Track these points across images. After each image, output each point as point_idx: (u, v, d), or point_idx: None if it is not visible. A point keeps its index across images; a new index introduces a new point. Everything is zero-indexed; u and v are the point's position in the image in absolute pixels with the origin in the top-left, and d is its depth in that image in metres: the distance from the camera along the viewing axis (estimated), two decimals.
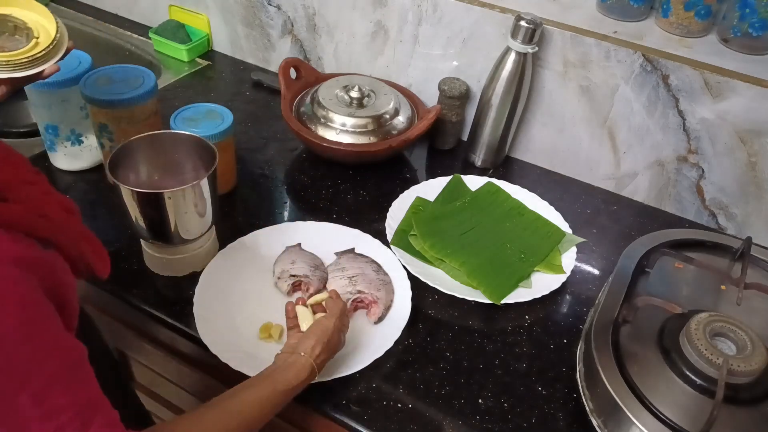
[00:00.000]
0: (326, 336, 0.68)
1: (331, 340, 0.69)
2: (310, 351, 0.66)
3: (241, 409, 0.60)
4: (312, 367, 0.66)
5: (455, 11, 1.04)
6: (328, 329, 0.69)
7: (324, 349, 0.67)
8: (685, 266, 0.80)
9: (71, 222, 0.61)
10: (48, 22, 0.70)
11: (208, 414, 0.59)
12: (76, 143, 0.96)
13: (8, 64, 0.65)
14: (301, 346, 0.67)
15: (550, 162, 1.12)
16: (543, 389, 0.75)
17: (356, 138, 1.02)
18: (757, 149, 0.93)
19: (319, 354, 0.67)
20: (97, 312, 0.93)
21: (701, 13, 0.94)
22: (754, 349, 0.64)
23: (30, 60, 0.66)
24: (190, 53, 1.32)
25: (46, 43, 0.68)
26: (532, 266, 0.89)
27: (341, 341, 0.71)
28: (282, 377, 0.64)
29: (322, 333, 0.68)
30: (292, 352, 0.67)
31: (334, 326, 0.70)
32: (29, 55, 0.66)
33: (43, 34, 0.69)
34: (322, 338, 0.68)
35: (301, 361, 0.66)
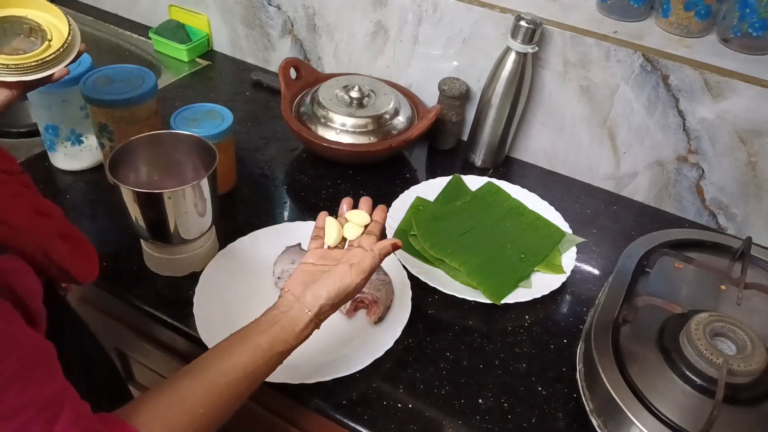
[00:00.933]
0: (342, 295, 0.61)
1: (345, 300, 0.62)
2: (318, 309, 0.60)
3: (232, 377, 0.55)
4: (315, 325, 0.60)
5: (455, 11, 1.04)
6: (348, 288, 0.61)
7: (333, 308, 0.61)
8: (685, 266, 0.80)
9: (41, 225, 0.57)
10: (61, 23, 0.69)
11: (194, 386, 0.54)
12: (76, 143, 0.96)
13: (18, 68, 0.64)
14: (310, 298, 0.60)
15: (550, 162, 1.12)
16: (543, 389, 0.75)
17: (356, 138, 1.02)
18: (757, 149, 0.93)
19: (325, 312, 0.61)
20: (97, 312, 0.93)
21: (701, 13, 0.94)
22: (754, 349, 0.64)
23: (40, 63, 0.66)
24: (190, 53, 1.32)
25: (58, 45, 0.67)
26: (532, 266, 0.89)
27: (354, 296, 0.63)
28: (282, 336, 0.58)
29: (340, 291, 0.61)
30: (296, 299, 0.60)
31: (356, 287, 0.62)
32: (40, 59, 0.66)
33: (56, 36, 0.68)
34: (337, 297, 0.61)
35: (304, 319, 0.59)
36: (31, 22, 0.69)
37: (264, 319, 0.60)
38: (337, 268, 0.62)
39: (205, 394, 0.54)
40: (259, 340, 0.58)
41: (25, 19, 0.68)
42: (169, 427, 0.51)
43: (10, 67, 0.64)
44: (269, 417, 0.84)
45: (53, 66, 0.67)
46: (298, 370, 0.72)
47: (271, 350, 0.58)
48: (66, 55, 0.68)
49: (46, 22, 0.69)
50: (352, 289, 0.62)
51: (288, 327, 0.60)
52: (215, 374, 0.55)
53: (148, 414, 0.51)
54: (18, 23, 0.68)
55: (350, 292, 0.62)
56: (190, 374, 0.55)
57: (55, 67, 0.67)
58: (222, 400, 0.55)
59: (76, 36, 0.70)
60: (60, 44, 0.67)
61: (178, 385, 0.54)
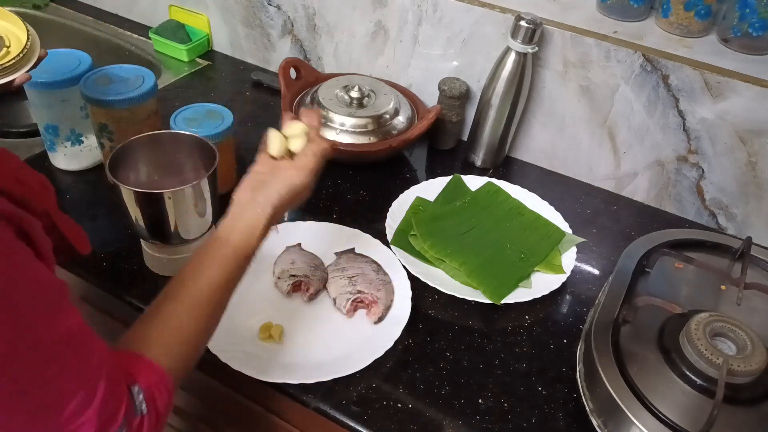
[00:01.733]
0: (293, 194, 0.65)
1: (297, 198, 0.65)
2: (271, 209, 0.63)
3: (210, 290, 0.58)
4: (270, 223, 0.63)
5: (455, 11, 1.04)
6: (297, 187, 0.65)
7: (284, 207, 0.64)
8: (685, 266, 0.80)
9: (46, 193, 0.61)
10: (19, 30, 0.70)
11: (178, 307, 0.57)
12: (76, 143, 0.96)
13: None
14: (261, 200, 0.63)
15: (550, 162, 1.12)
16: (543, 389, 0.75)
17: (356, 138, 1.02)
18: (757, 149, 0.93)
19: (278, 210, 0.64)
20: (97, 312, 0.93)
21: (701, 13, 0.94)
22: (754, 349, 0.64)
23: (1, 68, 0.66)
24: (190, 53, 1.32)
25: (16, 52, 0.67)
26: (532, 266, 0.89)
27: (305, 196, 0.67)
28: (243, 241, 0.61)
29: (290, 190, 0.64)
30: (247, 203, 0.63)
31: (304, 185, 0.66)
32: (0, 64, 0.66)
33: (14, 43, 0.69)
34: (288, 195, 0.64)
35: (261, 219, 0.62)
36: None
37: (222, 230, 0.62)
38: (284, 171, 0.66)
39: (190, 312, 0.57)
40: (224, 251, 0.60)
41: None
42: (168, 347, 0.55)
43: None
44: (269, 417, 0.84)
45: (12, 72, 0.67)
46: (298, 370, 0.72)
47: (237, 256, 0.61)
48: (25, 61, 0.68)
49: (3, 29, 0.70)
50: (300, 187, 0.65)
51: (246, 231, 0.62)
52: (194, 291, 0.58)
53: (147, 341, 0.54)
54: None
55: (299, 191, 0.66)
56: (170, 299, 0.57)
57: (14, 74, 0.67)
58: (206, 312, 0.58)
59: (35, 43, 0.70)
60: (18, 51, 0.68)
61: (163, 310, 0.57)
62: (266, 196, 0.64)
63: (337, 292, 0.81)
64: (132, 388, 0.50)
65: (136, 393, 0.50)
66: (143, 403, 0.50)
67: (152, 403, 0.51)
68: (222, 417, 0.96)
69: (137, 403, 0.50)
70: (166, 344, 0.55)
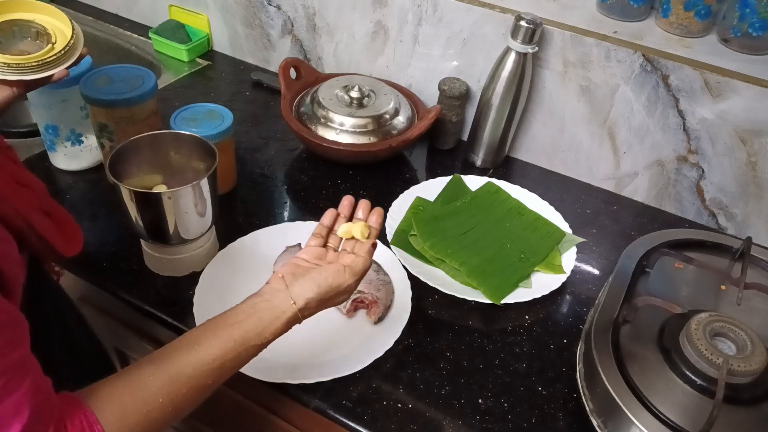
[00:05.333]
0: (333, 293, 0.59)
1: (332, 300, 0.61)
2: (304, 303, 0.58)
3: (197, 369, 0.53)
4: (296, 319, 0.58)
5: (455, 11, 1.04)
6: (340, 287, 0.60)
7: (319, 305, 0.59)
8: (685, 266, 0.80)
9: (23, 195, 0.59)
10: (66, 27, 0.72)
11: (156, 374, 0.52)
12: (76, 143, 0.96)
13: (19, 67, 0.67)
14: (298, 290, 0.59)
15: (550, 162, 1.12)
16: (543, 389, 0.75)
17: (356, 138, 1.02)
18: (757, 149, 0.93)
19: (311, 308, 0.59)
20: (97, 312, 0.93)
21: (701, 13, 0.94)
22: (754, 349, 0.64)
23: (41, 64, 0.68)
24: (190, 53, 1.32)
25: (60, 47, 0.70)
26: (532, 266, 0.89)
27: (343, 300, 0.63)
28: (259, 327, 0.56)
29: (330, 288, 0.59)
30: (283, 289, 0.58)
31: (347, 288, 0.61)
32: (41, 59, 0.68)
33: (59, 39, 0.71)
34: (326, 293, 0.59)
35: (288, 311, 0.57)
36: (37, 26, 0.71)
37: (243, 307, 0.58)
38: (331, 266, 0.62)
39: (165, 384, 0.52)
40: (232, 332, 0.56)
41: (33, 23, 0.71)
42: (124, 412, 0.49)
43: (12, 66, 0.66)
44: (269, 417, 0.84)
45: (53, 67, 0.69)
46: (298, 370, 0.72)
47: (244, 344, 0.56)
48: (67, 57, 0.71)
49: (51, 25, 0.72)
50: (343, 289, 0.61)
51: (267, 317, 0.57)
52: (180, 365, 0.53)
53: (105, 398, 0.50)
54: (26, 27, 0.71)
55: (341, 292, 0.61)
56: (155, 362, 0.53)
57: (55, 69, 0.69)
58: (183, 391, 0.53)
59: (78, 40, 0.72)
60: (62, 46, 0.70)
61: (141, 371, 0.52)
62: (303, 287, 0.59)
63: None
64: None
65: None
66: None
67: None
68: (222, 417, 0.96)
69: None
70: (122, 407, 0.50)
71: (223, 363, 0.55)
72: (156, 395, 0.51)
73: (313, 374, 0.71)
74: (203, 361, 0.54)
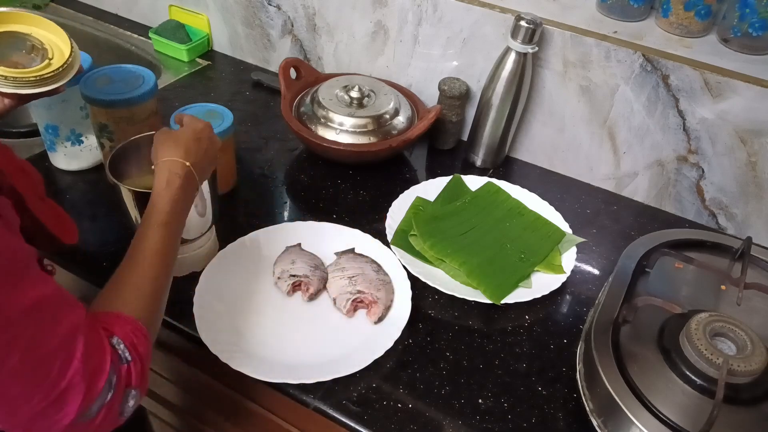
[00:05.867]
0: (181, 137, 0.70)
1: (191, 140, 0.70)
2: (170, 152, 0.68)
3: (149, 258, 0.62)
4: (181, 164, 0.67)
5: (455, 11, 1.04)
6: (183, 132, 0.70)
7: (189, 149, 0.69)
8: (685, 266, 0.80)
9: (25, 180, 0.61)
10: (64, 44, 0.73)
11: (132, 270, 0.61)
12: (76, 143, 0.96)
13: (16, 81, 0.67)
14: (158, 155, 0.68)
15: (550, 162, 1.12)
16: (543, 389, 0.75)
17: (356, 138, 1.02)
18: (757, 149, 0.93)
19: (184, 154, 0.68)
20: None
21: (701, 13, 0.94)
22: (754, 349, 0.64)
23: (38, 79, 0.69)
24: (190, 53, 1.32)
25: (57, 65, 0.70)
26: (532, 266, 0.89)
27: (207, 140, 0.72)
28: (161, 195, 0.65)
29: (178, 136, 0.70)
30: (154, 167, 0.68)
31: (189, 129, 0.71)
32: (38, 75, 0.68)
33: (57, 56, 0.72)
34: (178, 140, 0.69)
35: (167, 165, 0.67)
36: (34, 40, 0.72)
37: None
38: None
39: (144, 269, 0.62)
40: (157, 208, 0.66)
41: (30, 37, 0.72)
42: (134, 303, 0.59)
43: (9, 79, 0.67)
44: (269, 417, 0.85)
45: (50, 83, 0.70)
46: (298, 370, 0.72)
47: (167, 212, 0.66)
48: (64, 74, 0.71)
49: (49, 41, 0.72)
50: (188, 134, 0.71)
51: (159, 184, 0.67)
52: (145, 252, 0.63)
53: (114, 301, 0.59)
54: (22, 39, 0.71)
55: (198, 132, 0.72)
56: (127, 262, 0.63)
57: (52, 85, 0.70)
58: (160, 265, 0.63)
59: (76, 58, 0.73)
60: (60, 64, 0.71)
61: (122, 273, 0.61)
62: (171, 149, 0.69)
63: (337, 292, 0.81)
64: (112, 339, 0.54)
65: (117, 343, 0.54)
66: (126, 351, 0.54)
67: (134, 349, 0.55)
68: (222, 417, 0.96)
69: (120, 351, 0.54)
70: (130, 300, 0.59)
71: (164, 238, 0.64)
72: (143, 279, 0.61)
73: (313, 374, 0.71)
74: (150, 247, 0.63)
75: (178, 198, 0.66)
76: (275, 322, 0.79)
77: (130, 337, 0.55)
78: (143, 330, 0.57)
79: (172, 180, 0.66)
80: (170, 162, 0.67)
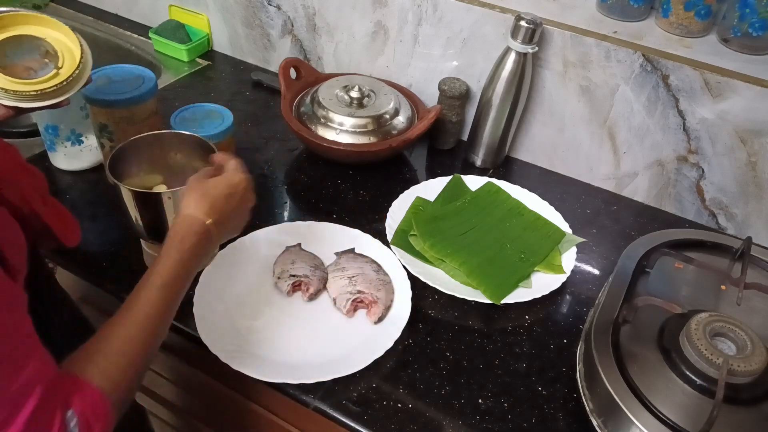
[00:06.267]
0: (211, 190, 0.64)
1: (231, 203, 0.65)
2: (194, 206, 0.63)
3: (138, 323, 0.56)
4: (201, 222, 0.62)
5: (455, 11, 1.04)
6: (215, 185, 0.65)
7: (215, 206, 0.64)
8: (685, 266, 0.80)
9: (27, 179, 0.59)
10: (75, 50, 0.71)
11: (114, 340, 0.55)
12: (76, 143, 0.96)
13: (17, 94, 0.65)
14: (182, 205, 0.63)
15: (550, 162, 1.12)
16: (543, 389, 0.75)
17: (356, 138, 1.02)
18: (757, 149, 0.93)
19: (208, 210, 0.63)
20: (97, 312, 0.93)
21: (701, 13, 0.94)
22: (754, 349, 0.64)
23: (39, 93, 0.67)
24: (190, 53, 1.32)
25: (62, 78, 0.68)
26: (532, 266, 0.89)
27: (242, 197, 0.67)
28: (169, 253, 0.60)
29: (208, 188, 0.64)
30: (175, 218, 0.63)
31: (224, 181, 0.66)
32: (39, 89, 0.66)
33: (66, 64, 0.69)
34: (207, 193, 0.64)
35: (186, 221, 0.62)
36: (48, 45, 0.70)
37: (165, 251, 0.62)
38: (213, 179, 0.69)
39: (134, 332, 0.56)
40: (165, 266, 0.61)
41: (44, 41, 0.70)
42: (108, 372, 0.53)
43: (9, 92, 0.65)
44: (269, 417, 0.85)
45: (52, 98, 0.68)
46: (298, 370, 0.72)
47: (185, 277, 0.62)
48: (68, 88, 0.69)
49: (61, 47, 0.70)
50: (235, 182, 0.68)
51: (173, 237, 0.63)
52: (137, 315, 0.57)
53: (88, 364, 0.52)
54: (36, 43, 0.69)
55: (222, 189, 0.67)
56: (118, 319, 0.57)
57: (54, 99, 0.68)
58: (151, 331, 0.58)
59: (84, 70, 0.71)
60: (65, 77, 0.68)
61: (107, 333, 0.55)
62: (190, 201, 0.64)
63: (337, 292, 0.81)
64: (66, 413, 0.48)
65: (70, 418, 0.48)
66: (75, 429, 0.48)
67: (86, 429, 0.49)
68: (222, 416, 0.96)
69: (70, 428, 0.48)
70: (105, 367, 0.53)
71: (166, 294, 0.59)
72: (130, 344, 0.55)
73: (313, 374, 0.71)
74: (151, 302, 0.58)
75: (186, 259, 0.61)
76: (275, 322, 0.79)
77: (87, 415, 0.49)
78: (106, 407, 0.51)
79: (186, 237, 0.61)
80: (190, 218, 0.62)
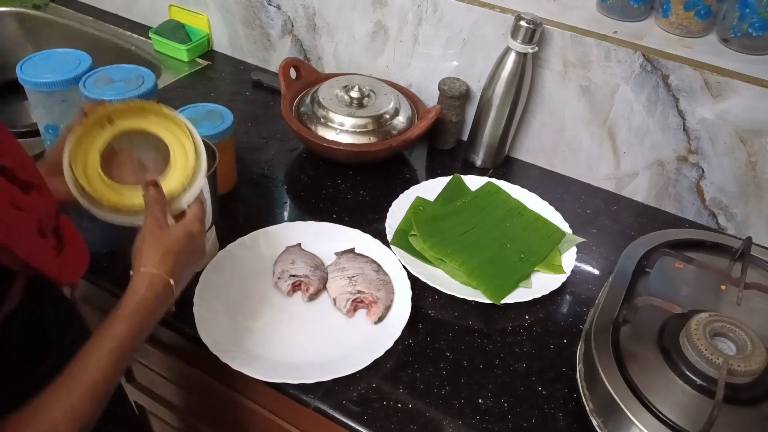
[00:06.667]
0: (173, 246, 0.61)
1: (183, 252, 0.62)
2: (156, 264, 0.59)
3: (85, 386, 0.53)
4: (165, 282, 0.59)
5: (455, 11, 1.04)
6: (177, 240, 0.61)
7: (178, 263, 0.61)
8: (685, 266, 0.80)
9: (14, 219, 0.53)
10: (188, 143, 0.66)
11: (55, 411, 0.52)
12: None
13: (109, 208, 0.63)
14: (142, 260, 0.60)
15: (550, 162, 1.12)
16: (543, 389, 0.75)
17: (356, 138, 1.02)
18: (757, 149, 0.93)
19: (171, 268, 0.60)
20: (97, 312, 0.93)
21: (701, 13, 0.94)
22: (754, 349, 0.64)
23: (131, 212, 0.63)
24: (190, 53, 1.32)
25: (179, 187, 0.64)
26: (532, 266, 0.89)
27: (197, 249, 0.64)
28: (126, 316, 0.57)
29: (171, 244, 0.61)
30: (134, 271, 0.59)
31: (184, 234, 0.62)
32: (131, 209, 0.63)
33: (180, 164, 0.66)
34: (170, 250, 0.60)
35: (146, 279, 0.58)
36: (165, 147, 0.67)
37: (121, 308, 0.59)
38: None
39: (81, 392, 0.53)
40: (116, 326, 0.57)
41: (162, 142, 0.67)
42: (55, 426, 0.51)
43: (95, 203, 0.63)
44: (269, 417, 0.85)
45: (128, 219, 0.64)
46: (298, 370, 0.72)
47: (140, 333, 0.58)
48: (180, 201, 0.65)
49: (176, 152, 0.66)
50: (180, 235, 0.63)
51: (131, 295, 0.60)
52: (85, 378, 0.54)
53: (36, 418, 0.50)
54: (154, 140, 0.67)
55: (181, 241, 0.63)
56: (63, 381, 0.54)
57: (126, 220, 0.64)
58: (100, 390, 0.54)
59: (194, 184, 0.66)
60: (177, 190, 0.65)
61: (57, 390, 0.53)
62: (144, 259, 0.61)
63: (337, 292, 0.81)
64: None
65: None
66: None
67: None
68: (222, 416, 0.96)
69: None
70: (57, 417, 0.51)
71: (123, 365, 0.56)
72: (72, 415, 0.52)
73: (313, 374, 0.71)
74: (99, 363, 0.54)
75: (144, 321, 0.58)
76: (275, 322, 0.79)
77: None
78: None
79: (146, 299, 0.58)
80: (152, 276, 0.59)
